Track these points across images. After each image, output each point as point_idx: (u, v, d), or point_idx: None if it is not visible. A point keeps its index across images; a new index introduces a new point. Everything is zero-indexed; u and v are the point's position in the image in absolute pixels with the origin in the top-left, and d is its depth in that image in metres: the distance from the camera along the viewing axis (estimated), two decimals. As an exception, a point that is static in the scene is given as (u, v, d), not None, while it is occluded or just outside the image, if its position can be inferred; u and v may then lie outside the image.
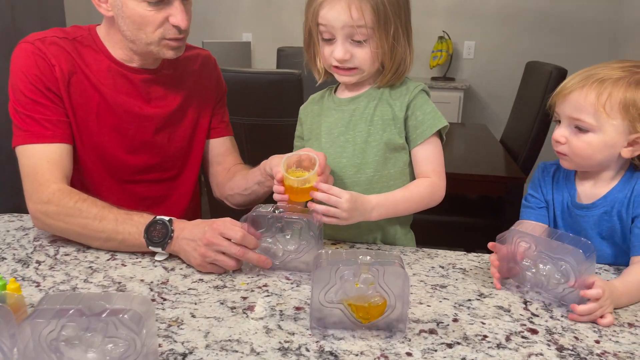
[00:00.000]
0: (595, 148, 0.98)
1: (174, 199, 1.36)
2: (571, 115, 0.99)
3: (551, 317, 0.88)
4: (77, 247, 1.09)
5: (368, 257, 0.80)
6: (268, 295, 0.92)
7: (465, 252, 1.12)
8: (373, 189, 1.12)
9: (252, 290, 0.94)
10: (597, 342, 0.81)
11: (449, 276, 1.01)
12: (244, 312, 0.87)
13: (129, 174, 1.27)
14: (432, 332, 0.83)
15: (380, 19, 1.03)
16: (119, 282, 0.96)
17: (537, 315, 0.88)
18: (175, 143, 1.31)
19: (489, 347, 0.79)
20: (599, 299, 0.84)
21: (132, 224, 1.04)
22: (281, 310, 0.88)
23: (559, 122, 1.03)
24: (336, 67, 1.09)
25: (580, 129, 0.99)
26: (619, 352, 0.79)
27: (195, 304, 0.89)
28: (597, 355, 0.78)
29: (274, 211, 0.99)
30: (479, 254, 1.11)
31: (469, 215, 2.53)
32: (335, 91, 1.21)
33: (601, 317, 0.86)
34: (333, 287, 0.80)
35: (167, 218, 1.04)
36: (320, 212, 0.99)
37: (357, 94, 1.15)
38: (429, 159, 1.11)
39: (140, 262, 1.04)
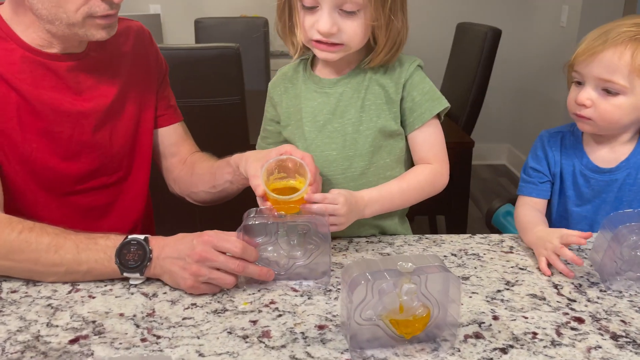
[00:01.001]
0: (624, 111, 0.93)
1: (126, 203, 1.16)
2: (601, 76, 0.92)
3: (589, 301, 0.82)
4: (25, 280, 0.88)
5: (409, 264, 0.68)
6: (280, 315, 0.79)
7: (470, 235, 1.04)
8: (369, 182, 1.00)
9: (260, 311, 0.80)
10: (645, 323, 0.77)
11: (466, 265, 0.93)
12: (261, 341, 0.73)
13: (69, 184, 1.05)
14: (478, 336, 0.74)
15: None
16: (94, 322, 0.78)
17: (575, 300, 0.82)
18: (118, 140, 1.10)
19: (544, 347, 0.72)
20: None
21: (98, 249, 0.85)
22: (302, 333, 0.75)
23: (578, 82, 0.96)
24: (318, 41, 0.93)
25: (609, 92, 0.92)
26: (671, 332, 0.75)
27: (198, 337, 0.74)
28: (652, 338, 0.73)
29: (279, 215, 0.84)
30: (485, 235, 1.04)
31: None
32: (312, 65, 1.05)
33: None
34: (370, 302, 0.69)
35: (141, 237, 0.86)
36: (317, 212, 0.86)
37: (343, 74, 1.00)
38: (429, 143, 1.00)
39: (111, 290, 0.86)
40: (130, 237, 0.86)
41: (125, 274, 0.85)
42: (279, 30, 1.00)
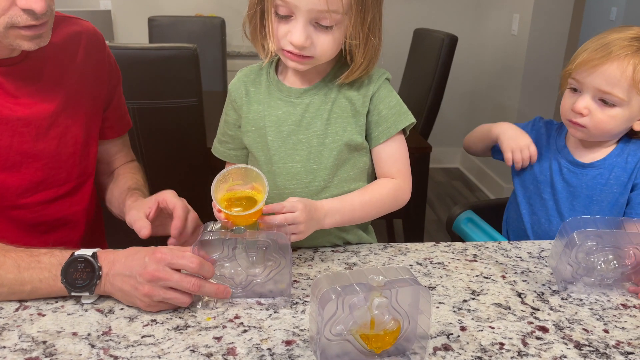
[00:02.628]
0: (617, 122, 0.96)
1: (77, 217, 1.08)
2: (601, 88, 0.94)
3: (551, 309, 0.84)
4: (-34, 297, 0.82)
5: (380, 278, 0.67)
6: (245, 331, 0.76)
7: (435, 243, 1.04)
8: (331, 196, 0.97)
9: (224, 326, 0.77)
10: (606, 331, 0.78)
11: (431, 274, 0.93)
12: (226, 359, 0.70)
13: (10, 198, 0.97)
14: (447, 348, 0.74)
15: (358, 4, 0.85)
16: (44, 342, 0.73)
17: (538, 309, 0.83)
18: (67, 149, 1.03)
19: (511, 358, 0.72)
20: None
21: (42, 268, 0.79)
22: (270, 349, 0.72)
23: (574, 89, 0.98)
24: (289, 51, 0.89)
25: (606, 102, 0.95)
26: (631, 340, 0.76)
27: (159, 357, 0.70)
28: (614, 347, 0.75)
29: (237, 230, 0.81)
30: (449, 243, 1.04)
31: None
32: (276, 70, 1.02)
33: None
34: (341, 317, 0.67)
35: (89, 252, 0.80)
36: (280, 223, 0.84)
37: (312, 84, 0.97)
38: (394, 158, 0.98)
39: (63, 307, 0.80)
40: (76, 253, 0.80)
41: (73, 294, 0.80)
42: (247, 32, 0.96)
